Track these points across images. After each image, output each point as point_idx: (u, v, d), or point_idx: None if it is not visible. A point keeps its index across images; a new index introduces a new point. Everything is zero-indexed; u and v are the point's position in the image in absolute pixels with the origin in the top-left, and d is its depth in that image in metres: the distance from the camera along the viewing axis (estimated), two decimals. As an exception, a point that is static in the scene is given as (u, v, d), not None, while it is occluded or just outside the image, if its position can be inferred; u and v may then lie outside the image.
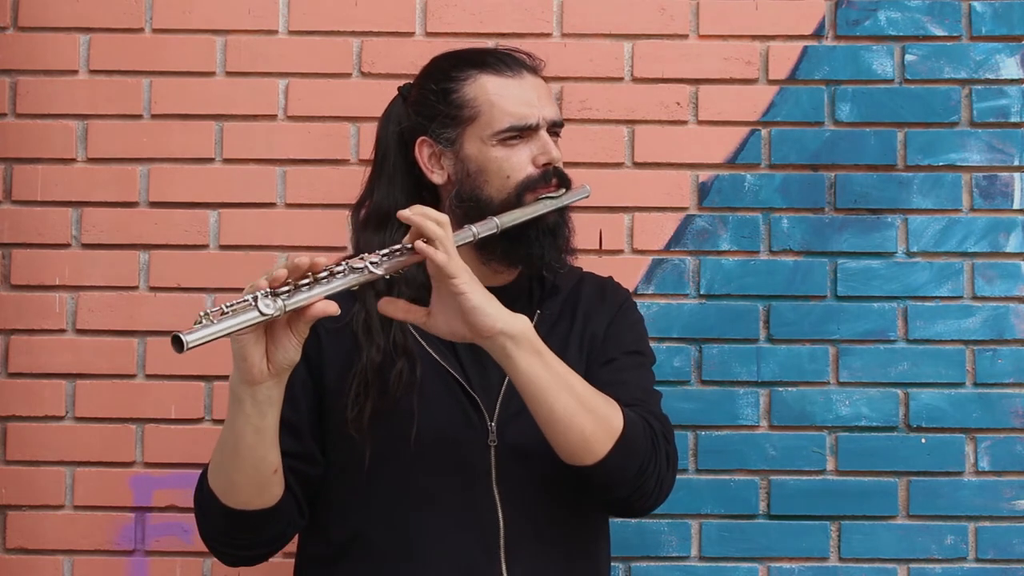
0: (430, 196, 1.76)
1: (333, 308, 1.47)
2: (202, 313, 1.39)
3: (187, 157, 2.27)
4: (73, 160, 2.27)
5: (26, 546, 2.23)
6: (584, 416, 1.56)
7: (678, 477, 2.19)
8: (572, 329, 1.78)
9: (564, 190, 1.74)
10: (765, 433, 2.24)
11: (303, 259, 1.45)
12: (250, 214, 2.26)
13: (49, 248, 2.26)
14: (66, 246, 2.26)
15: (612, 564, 2.17)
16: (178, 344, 1.36)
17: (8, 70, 2.27)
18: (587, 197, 1.80)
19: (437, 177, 1.75)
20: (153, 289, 2.25)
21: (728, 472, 2.23)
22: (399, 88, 1.84)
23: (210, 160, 2.27)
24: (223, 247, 2.26)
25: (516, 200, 1.70)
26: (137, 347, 2.24)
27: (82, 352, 2.24)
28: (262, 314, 1.41)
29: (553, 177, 1.73)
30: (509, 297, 1.67)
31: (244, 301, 1.41)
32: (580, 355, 1.76)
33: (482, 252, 1.71)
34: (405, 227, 1.55)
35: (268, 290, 1.43)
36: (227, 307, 1.40)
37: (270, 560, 1.73)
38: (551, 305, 1.79)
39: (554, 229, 1.73)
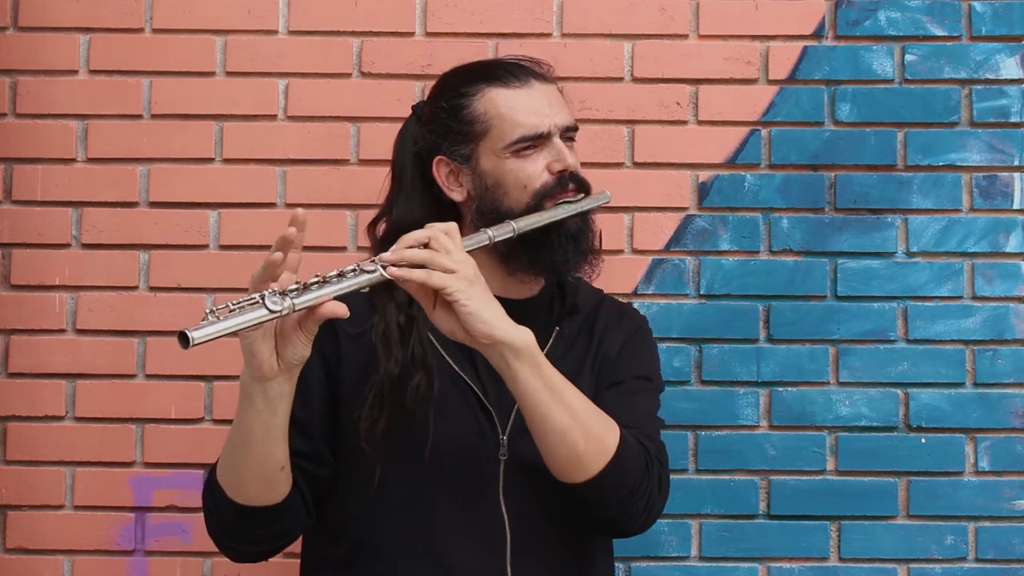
0: (450, 212, 1.76)
1: (342, 310, 1.47)
2: (208, 310, 1.38)
3: (187, 157, 2.27)
4: (73, 160, 2.27)
5: (26, 546, 2.23)
6: (578, 433, 1.56)
7: (678, 477, 2.21)
8: (588, 350, 1.78)
9: (583, 195, 1.74)
10: (765, 433, 2.24)
11: (276, 255, 1.45)
12: (250, 214, 2.26)
13: (49, 248, 2.26)
14: (66, 246, 2.26)
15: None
16: (184, 340, 1.35)
17: (8, 70, 2.27)
18: (608, 202, 1.80)
19: (457, 195, 1.75)
20: (153, 289, 2.25)
21: (728, 472, 2.23)
22: (412, 107, 1.85)
23: (210, 160, 2.27)
24: (223, 247, 2.26)
25: (535, 209, 1.70)
26: (137, 347, 2.24)
27: (82, 352, 2.24)
28: (270, 312, 1.40)
29: (570, 183, 1.73)
30: (529, 312, 1.67)
31: (252, 299, 1.41)
32: (592, 377, 1.76)
33: (507, 263, 1.72)
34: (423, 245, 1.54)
35: (276, 288, 1.42)
36: (234, 304, 1.40)
37: (273, 562, 1.73)
38: (570, 324, 1.80)
39: (576, 235, 1.74)
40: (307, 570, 1.78)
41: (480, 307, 1.51)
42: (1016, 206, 2.27)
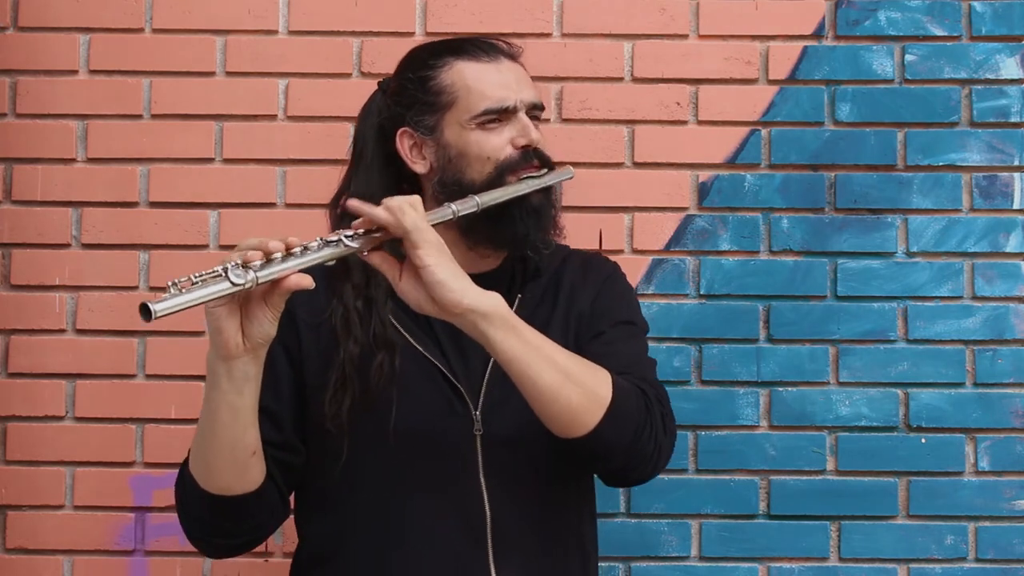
0: (410, 187, 1.75)
1: (307, 281, 1.46)
2: (171, 283, 1.37)
3: (187, 157, 2.27)
4: (73, 160, 2.27)
5: (26, 546, 2.23)
6: (570, 388, 1.54)
7: (678, 477, 2.20)
8: (555, 311, 1.76)
9: (547, 170, 1.73)
10: (765, 433, 2.24)
11: (276, 242, 1.44)
12: (250, 214, 2.26)
13: (49, 248, 2.26)
14: (66, 246, 2.26)
15: (612, 564, 2.18)
16: (146, 313, 1.34)
17: (8, 70, 2.27)
18: (571, 179, 1.79)
19: (420, 167, 1.74)
20: (153, 289, 2.25)
21: (728, 472, 2.23)
22: (379, 83, 1.83)
23: (210, 160, 2.27)
24: (223, 247, 2.26)
25: (498, 182, 1.69)
26: (137, 347, 2.24)
27: (82, 352, 2.24)
28: (233, 284, 1.39)
29: (534, 158, 1.72)
30: (492, 284, 1.66)
31: (215, 272, 1.40)
32: (565, 336, 1.73)
33: (468, 236, 1.71)
34: None
35: (239, 261, 1.41)
36: (197, 277, 1.39)
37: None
38: (532, 289, 1.78)
39: (538, 209, 1.72)
40: (295, 566, 1.77)
41: (448, 276, 1.49)
42: (1016, 206, 2.27)
